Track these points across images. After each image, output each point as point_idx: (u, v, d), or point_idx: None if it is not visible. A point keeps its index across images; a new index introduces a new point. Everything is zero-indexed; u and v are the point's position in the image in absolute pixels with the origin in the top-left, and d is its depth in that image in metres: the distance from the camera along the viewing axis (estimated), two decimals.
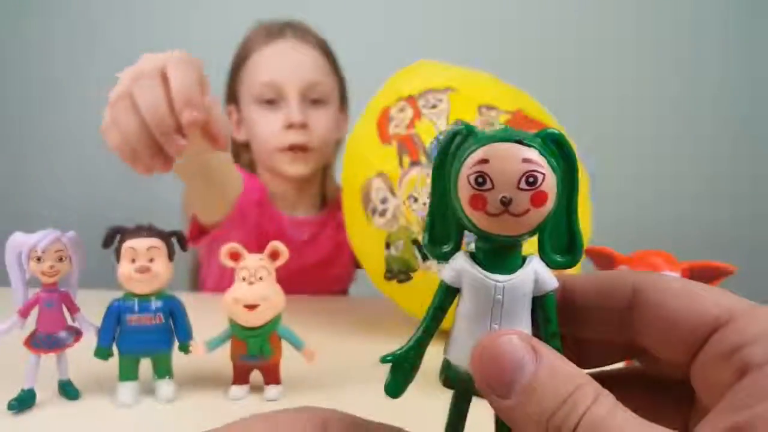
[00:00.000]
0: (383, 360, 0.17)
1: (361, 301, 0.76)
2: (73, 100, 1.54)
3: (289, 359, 0.41)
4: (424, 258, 0.51)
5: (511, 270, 0.16)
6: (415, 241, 0.51)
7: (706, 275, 0.36)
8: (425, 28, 1.48)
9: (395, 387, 0.17)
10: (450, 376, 0.17)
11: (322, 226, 0.87)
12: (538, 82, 0.78)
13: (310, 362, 0.40)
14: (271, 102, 0.81)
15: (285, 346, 0.41)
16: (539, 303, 0.16)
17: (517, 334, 0.15)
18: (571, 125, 0.61)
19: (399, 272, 0.53)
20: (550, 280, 0.16)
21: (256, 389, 0.41)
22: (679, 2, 1.50)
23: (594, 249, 0.39)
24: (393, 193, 0.52)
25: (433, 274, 0.51)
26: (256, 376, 0.41)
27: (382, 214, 0.53)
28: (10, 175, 1.56)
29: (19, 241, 0.38)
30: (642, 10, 1.50)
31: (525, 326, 0.16)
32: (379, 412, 0.17)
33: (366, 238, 0.56)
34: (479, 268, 0.16)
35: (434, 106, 0.54)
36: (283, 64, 0.82)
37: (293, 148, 0.80)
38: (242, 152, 0.89)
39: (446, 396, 0.18)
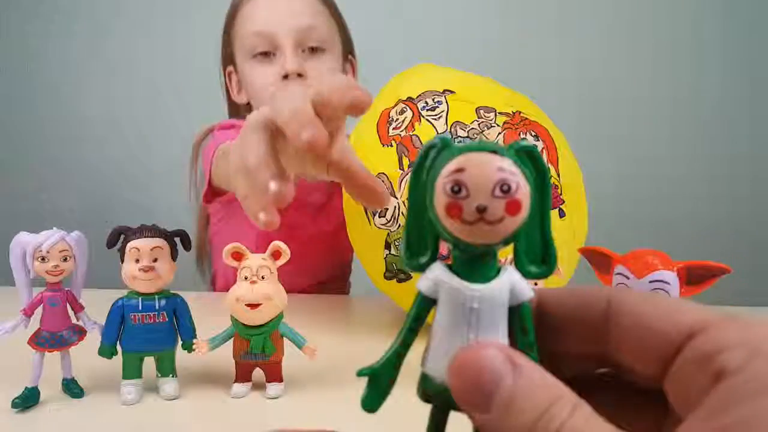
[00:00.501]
0: (360, 373, 0.17)
1: (361, 300, 0.77)
2: (76, 99, 1.54)
3: (290, 357, 0.42)
4: None
5: (486, 279, 0.16)
6: None
7: (702, 275, 0.37)
8: (425, 31, 1.49)
9: (372, 400, 0.17)
10: (427, 390, 0.17)
11: (333, 192, 0.82)
12: (536, 84, 0.79)
13: (311, 359, 0.41)
14: (266, 54, 0.76)
15: (286, 344, 0.42)
16: (516, 313, 0.16)
17: (494, 346, 0.15)
18: (569, 126, 0.62)
19: (399, 272, 0.54)
20: (526, 289, 0.16)
21: (258, 387, 0.42)
22: (679, 3, 1.51)
23: (590, 249, 0.40)
24: (393, 193, 0.53)
25: None
26: (258, 374, 0.42)
27: (382, 214, 0.54)
28: (14, 175, 1.56)
29: (24, 240, 0.38)
30: (641, 11, 1.51)
31: (502, 336, 0.16)
32: (379, 409, 0.17)
33: (366, 238, 0.57)
34: (455, 278, 0.16)
35: (433, 108, 0.55)
36: (274, 11, 0.76)
37: None
38: (242, 117, 0.84)
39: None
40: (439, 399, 0.17)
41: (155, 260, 0.39)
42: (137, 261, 0.39)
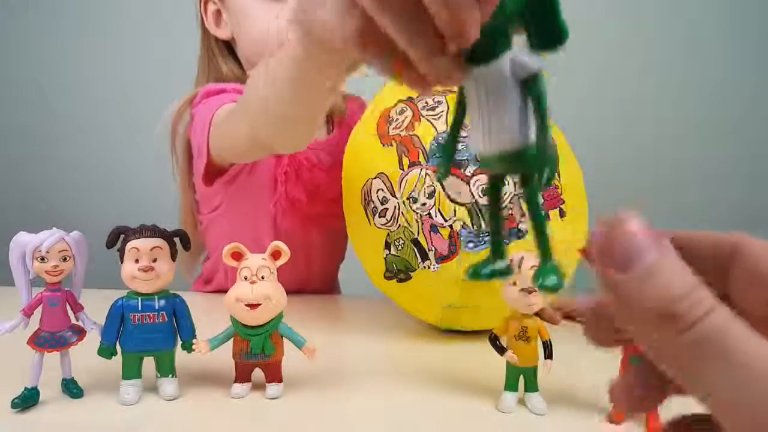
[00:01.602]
0: (430, 152, 0.21)
1: (361, 301, 0.77)
2: (77, 99, 1.54)
3: (290, 358, 0.42)
4: (423, 258, 0.51)
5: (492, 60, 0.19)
6: (415, 241, 0.52)
7: None
8: None
9: (440, 172, 0.22)
10: (483, 167, 0.20)
11: (334, 150, 0.72)
12: None
13: (311, 359, 0.41)
14: None
15: (286, 344, 0.42)
16: (530, 86, 0.18)
17: (646, 226, 0.15)
18: (569, 126, 0.62)
19: (399, 272, 0.54)
20: (530, 60, 0.18)
21: (258, 387, 0.42)
22: (680, 2, 1.50)
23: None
24: (393, 193, 0.53)
25: (432, 273, 0.51)
26: (257, 374, 0.42)
27: (382, 214, 0.54)
28: (13, 175, 1.56)
29: (24, 240, 0.38)
30: (643, 9, 1.51)
31: (513, 111, 0.18)
32: (377, 409, 0.17)
33: (366, 238, 0.56)
34: (469, 65, 0.19)
35: (433, 108, 0.54)
36: None
37: None
38: (220, 55, 0.75)
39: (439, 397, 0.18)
40: (494, 169, 0.20)
41: (155, 260, 0.39)
42: (137, 261, 0.39)
